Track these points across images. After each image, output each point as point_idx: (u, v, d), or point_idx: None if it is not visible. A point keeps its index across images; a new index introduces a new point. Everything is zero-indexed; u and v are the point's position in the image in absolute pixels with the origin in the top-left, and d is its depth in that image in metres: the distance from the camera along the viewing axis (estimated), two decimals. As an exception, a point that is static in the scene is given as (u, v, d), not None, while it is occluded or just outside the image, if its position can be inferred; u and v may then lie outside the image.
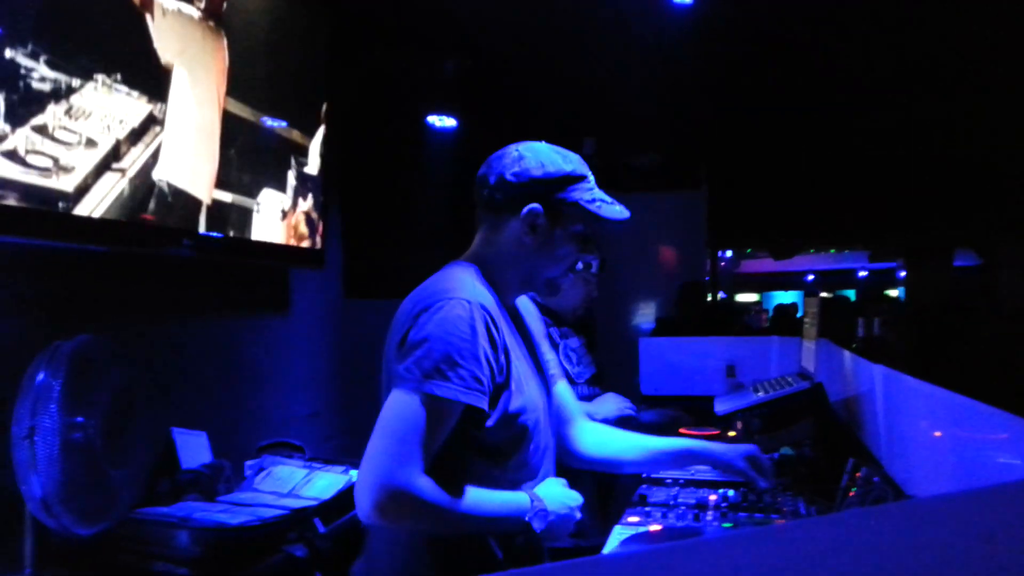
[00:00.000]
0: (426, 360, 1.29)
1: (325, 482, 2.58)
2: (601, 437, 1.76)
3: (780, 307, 8.79)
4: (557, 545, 2.27)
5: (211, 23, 2.63)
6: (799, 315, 7.11)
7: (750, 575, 0.59)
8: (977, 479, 1.28)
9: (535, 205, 1.45)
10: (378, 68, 3.71)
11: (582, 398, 2.44)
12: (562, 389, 1.76)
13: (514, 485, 1.41)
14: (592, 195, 1.48)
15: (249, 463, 2.70)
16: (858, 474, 1.80)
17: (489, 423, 1.36)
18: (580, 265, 2.51)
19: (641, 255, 5.72)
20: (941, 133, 5.75)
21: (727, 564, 0.60)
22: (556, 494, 1.43)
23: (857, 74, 4.79)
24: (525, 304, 1.67)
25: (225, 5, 2.70)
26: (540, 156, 1.47)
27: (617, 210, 1.50)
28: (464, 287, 1.38)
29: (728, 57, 4.08)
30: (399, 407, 1.29)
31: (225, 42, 2.71)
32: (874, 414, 2.01)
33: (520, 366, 1.44)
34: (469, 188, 1.56)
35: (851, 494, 1.78)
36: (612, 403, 2.48)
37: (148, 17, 2.32)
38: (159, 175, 2.37)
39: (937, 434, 1.60)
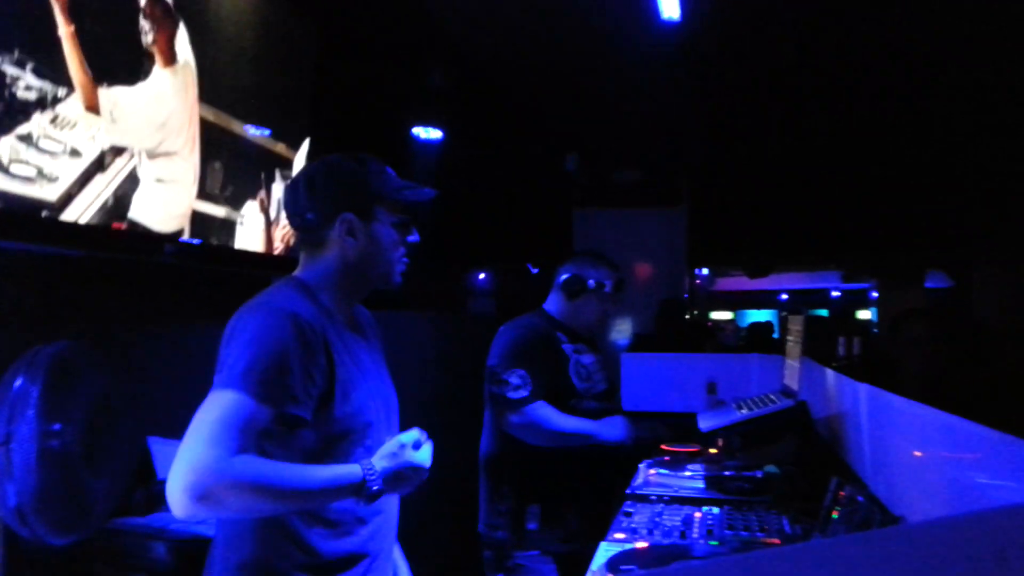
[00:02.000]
0: (238, 365, 1.35)
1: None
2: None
3: (755, 325, 8.88)
4: (552, 549, 2.28)
5: (189, 39, 2.61)
6: (775, 335, 7.18)
7: None
8: (965, 500, 1.28)
9: (347, 214, 1.53)
10: (363, 79, 3.70)
11: (588, 412, 2.47)
12: None
13: None
14: (394, 185, 1.57)
15: (227, 474, 2.66)
16: (842, 493, 1.81)
17: (310, 428, 1.42)
18: (592, 283, 2.58)
19: (622, 272, 5.73)
20: (916, 155, 5.84)
21: None
22: (387, 452, 1.45)
23: (836, 97, 4.87)
24: (366, 314, 1.73)
25: (207, 15, 2.69)
26: (335, 167, 1.57)
27: (424, 191, 1.59)
28: (280, 299, 1.46)
29: (712, 76, 4.12)
30: (216, 402, 1.33)
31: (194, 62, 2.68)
32: (858, 433, 2.02)
33: (348, 374, 1.48)
34: (453, 199, 1.61)
35: (835, 513, 1.79)
36: (620, 427, 2.51)
37: (141, 19, 2.30)
38: (142, 186, 2.34)
39: (917, 454, 1.62)
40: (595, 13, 3.16)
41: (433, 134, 3.83)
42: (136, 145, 2.32)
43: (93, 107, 2.13)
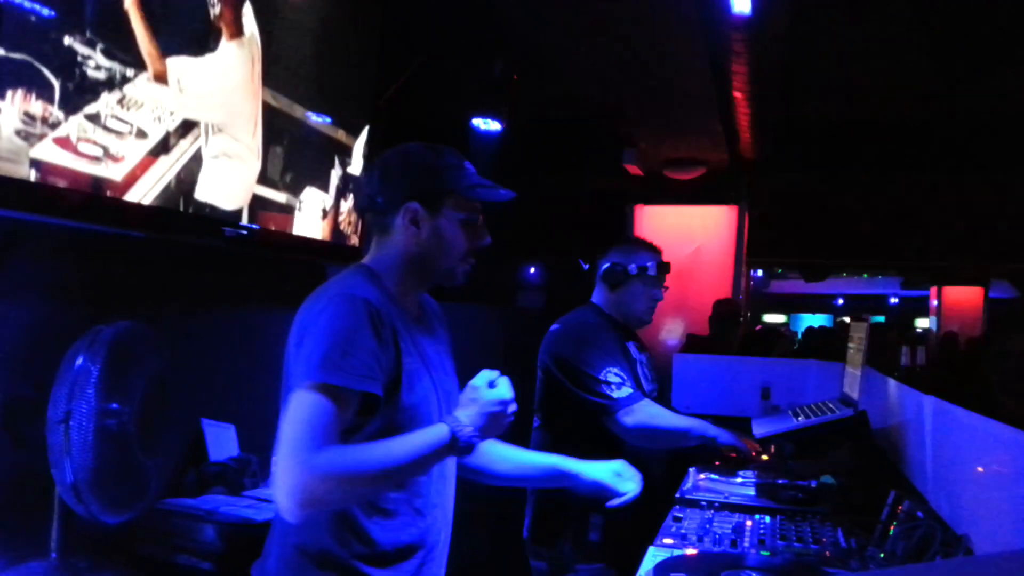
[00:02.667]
0: (316, 354, 1.35)
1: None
2: (489, 449, 1.76)
3: (810, 330, 8.69)
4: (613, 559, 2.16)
5: (254, 17, 2.63)
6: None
7: None
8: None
9: (412, 202, 1.52)
10: (425, 68, 3.70)
11: None
12: None
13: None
14: (468, 182, 1.55)
15: (276, 458, 2.69)
16: (900, 507, 1.75)
17: (380, 415, 1.42)
18: (634, 269, 2.48)
19: (676, 269, 5.66)
20: (981, 160, 5.65)
21: None
22: (465, 399, 1.48)
23: (901, 98, 4.73)
24: (434, 305, 1.72)
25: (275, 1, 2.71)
26: (411, 155, 1.57)
27: (499, 192, 1.57)
28: (350, 286, 1.46)
29: (776, 74, 4.03)
30: (298, 404, 1.34)
31: (260, 39, 2.70)
32: (921, 446, 1.95)
33: (414, 363, 1.49)
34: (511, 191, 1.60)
35: (892, 528, 1.73)
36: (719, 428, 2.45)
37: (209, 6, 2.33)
38: (205, 168, 2.37)
39: (980, 469, 1.55)
40: (660, 4, 3.10)
41: (493, 125, 3.81)
42: (203, 117, 2.35)
43: (161, 77, 2.16)
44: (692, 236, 5.92)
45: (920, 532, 1.60)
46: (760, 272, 12.13)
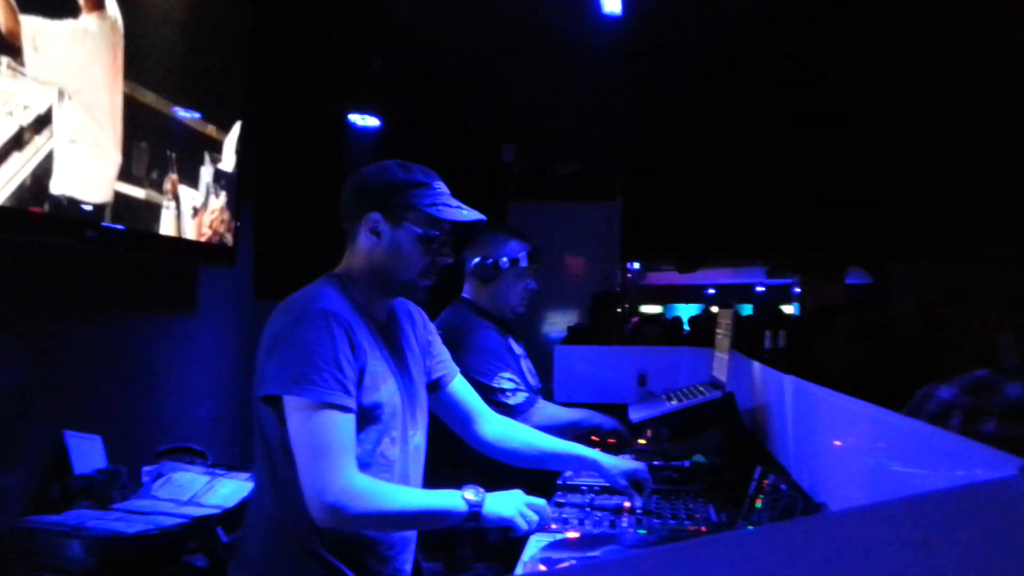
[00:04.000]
0: (296, 370, 1.45)
1: (228, 489, 2.48)
2: (505, 430, 1.92)
3: (697, 318, 9.05)
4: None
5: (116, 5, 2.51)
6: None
7: None
8: (884, 488, 1.33)
9: (374, 212, 1.60)
10: (300, 63, 3.62)
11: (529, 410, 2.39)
12: (459, 386, 1.89)
13: (366, 471, 1.51)
14: (433, 199, 1.61)
15: (147, 469, 2.57)
16: (766, 481, 1.86)
17: None
18: (506, 263, 2.45)
19: (556, 264, 5.78)
20: (839, 155, 6.04)
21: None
22: (501, 498, 1.60)
23: (766, 97, 4.99)
24: (417, 311, 1.82)
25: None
26: (382, 170, 1.64)
27: (464, 213, 1.63)
28: (323, 299, 1.54)
29: (651, 71, 4.17)
30: (303, 421, 1.45)
31: (122, 24, 2.58)
32: (783, 423, 2.08)
33: (378, 366, 1.58)
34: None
35: (759, 501, 1.84)
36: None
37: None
38: (60, 164, 2.24)
39: (838, 443, 1.67)
40: (537, 4, 3.15)
41: (370, 121, 3.77)
42: (59, 83, 2.22)
43: (14, 33, 2.04)
44: (570, 231, 6.05)
45: (783, 503, 1.71)
46: (637, 265, 12.50)
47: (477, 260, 2.46)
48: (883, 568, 0.59)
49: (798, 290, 13.13)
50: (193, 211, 2.97)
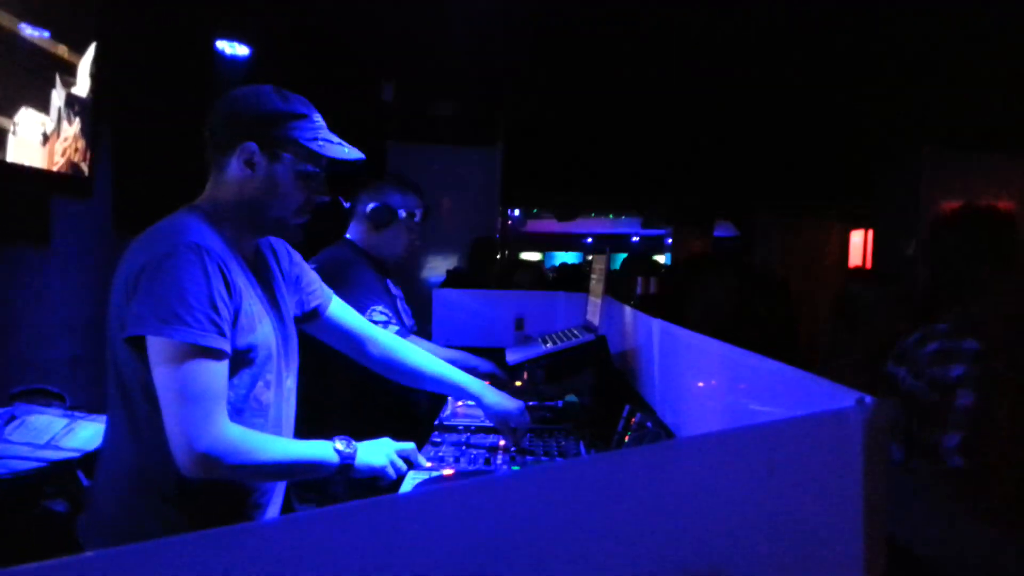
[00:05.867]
0: (167, 309, 1.33)
1: (88, 432, 2.38)
2: (393, 350, 1.91)
3: (564, 266, 9.24)
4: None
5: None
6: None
7: (534, 509, 0.62)
8: (741, 422, 1.41)
9: (250, 143, 1.48)
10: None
11: None
12: (338, 310, 1.86)
13: (239, 416, 1.47)
14: (314, 133, 1.52)
15: (-1, 411, 2.43)
16: (633, 420, 1.95)
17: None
18: (403, 213, 2.48)
19: (435, 207, 5.74)
20: (708, 112, 6.25)
21: (513, 498, 0.63)
22: (372, 447, 1.60)
23: (642, 51, 5.07)
24: (279, 244, 1.72)
25: None
26: (259, 96, 1.51)
27: (345, 151, 1.55)
28: (192, 232, 1.42)
29: (534, 14, 4.14)
30: (171, 365, 1.34)
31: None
32: (650, 364, 2.17)
33: (253, 306, 1.50)
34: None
35: (627, 438, 1.93)
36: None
37: None
38: None
39: (700, 384, 1.76)
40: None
41: (240, 50, 3.57)
42: None
43: None
44: (451, 175, 6.01)
45: (648, 439, 1.80)
46: (517, 212, 12.61)
47: (375, 205, 2.47)
48: (729, 487, 0.63)
49: (670, 240, 13.64)
50: (43, 138, 2.75)
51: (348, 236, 2.53)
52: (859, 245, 8.42)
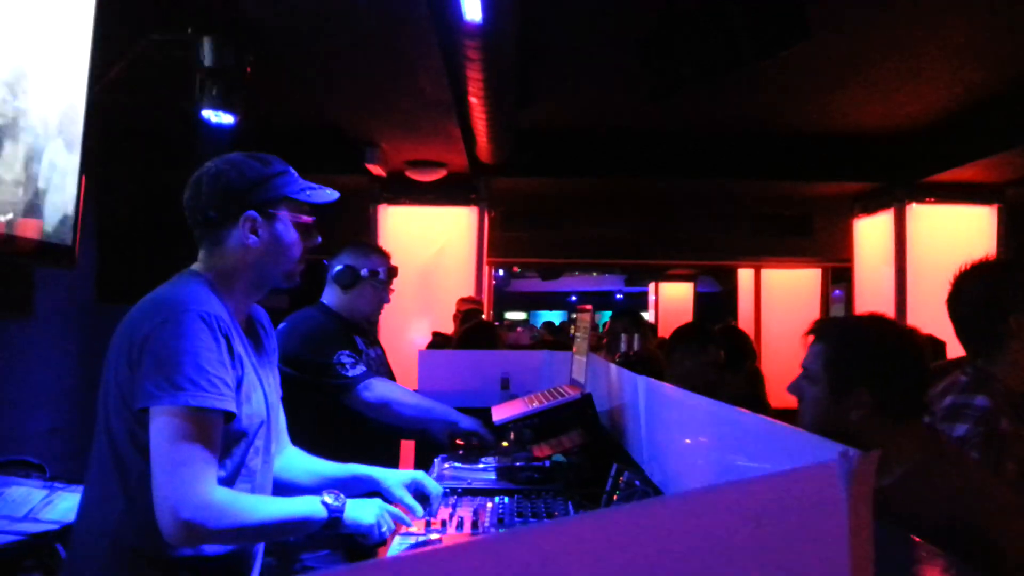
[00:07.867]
0: (177, 374, 1.36)
1: (68, 504, 2.33)
2: (288, 461, 1.83)
3: (549, 323, 9.25)
4: (343, 546, 2.22)
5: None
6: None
7: (522, 572, 0.62)
8: (729, 478, 1.41)
9: (250, 212, 1.55)
10: (150, 52, 3.44)
11: None
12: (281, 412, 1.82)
13: (230, 484, 1.48)
14: (299, 186, 1.61)
15: (-25, 484, 2.38)
16: (621, 478, 1.94)
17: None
18: (366, 272, 2.63)
19: (420, 270, 5.78)
20: (688, 175, 6.41)
21: (502, 560, 0.63)
22: (362, 504, 1.59)
23: (623, 113, 5.18)
24: (264, 318, 1.76)
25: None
26: (241, 166, 1.57)
27: (327, 194, 1.64)
28: (199, 299, 1.47)
29: (513, 81, 4.24)
30: (167, 429, 1.35)
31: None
32: (636, 422, 2.17)
33: (250, 376, 1.54)
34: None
35: (615, 497, 1.92)
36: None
37: None
38: None
39: (688, 441, 1.76)
40: (394, 6, 3.14)
41: (225, 118, 3.62)
42: None
43: None
44: (435, 236, 6.07)
45: (636, 497, 1.79)
46: (501, 272, 12.68)
47: (340, 267, 2.62)
48: (715, 542, 0.64)
49: (653, 297, 13.73)
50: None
51: (323, 300, 2.68)
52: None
